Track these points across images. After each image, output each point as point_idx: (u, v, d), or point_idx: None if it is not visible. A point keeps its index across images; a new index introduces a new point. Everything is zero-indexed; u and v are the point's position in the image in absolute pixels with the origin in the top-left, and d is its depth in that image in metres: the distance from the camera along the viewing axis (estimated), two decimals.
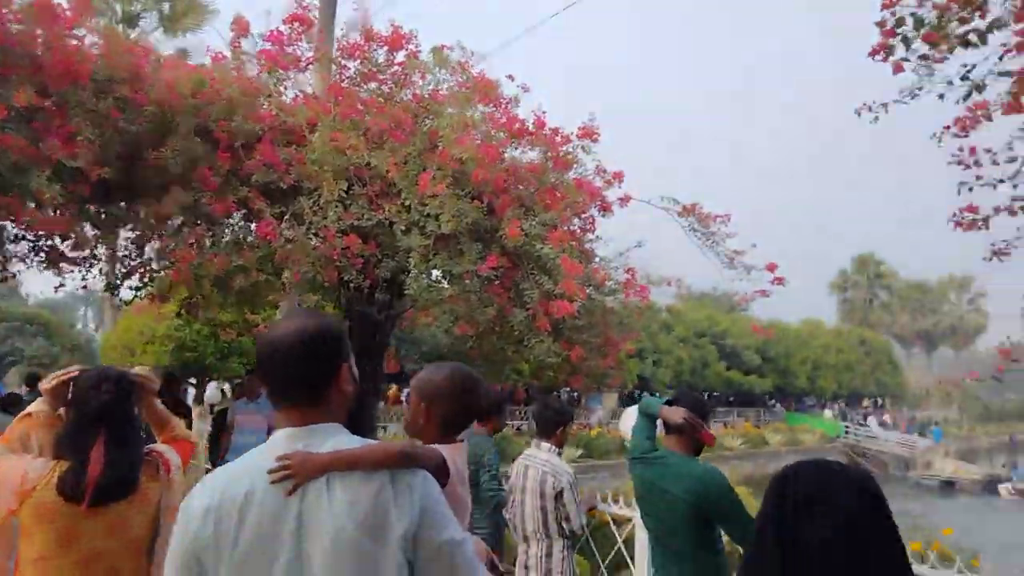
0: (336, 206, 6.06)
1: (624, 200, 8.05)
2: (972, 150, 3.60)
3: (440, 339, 17.20)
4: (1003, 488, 28.40)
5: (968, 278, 71.15)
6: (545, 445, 3.94)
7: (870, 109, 4.13)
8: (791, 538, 1.44)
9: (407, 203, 6.08)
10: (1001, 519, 24.27)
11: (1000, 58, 3.70)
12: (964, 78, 3.67)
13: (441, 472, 1.60)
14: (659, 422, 3.05)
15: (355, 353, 1.71)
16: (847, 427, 37.27)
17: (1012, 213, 3.51)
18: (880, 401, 47.87)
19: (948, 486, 30.63)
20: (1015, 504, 27.08)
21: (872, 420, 39.19)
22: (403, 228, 6.02)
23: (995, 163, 3.58)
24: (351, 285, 6.46)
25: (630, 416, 4.20)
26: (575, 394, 27.06)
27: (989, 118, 3.47)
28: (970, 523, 22.51)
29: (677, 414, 2.93)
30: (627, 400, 29.14)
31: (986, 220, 3.58)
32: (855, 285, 64.54)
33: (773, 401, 40.53)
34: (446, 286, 6.69)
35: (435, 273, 6.73)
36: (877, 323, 60.55)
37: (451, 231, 5.84)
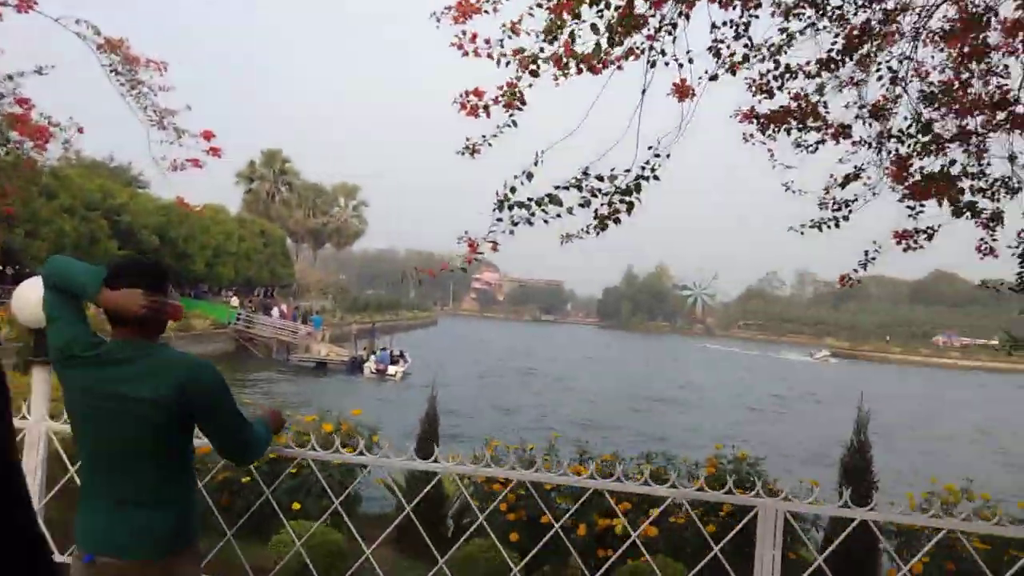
0: None
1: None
2: (474, 36, 3.53)
3: None
4: (366, 367, 33.49)
5: (356, 187, 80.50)
6: None
7: None
8: None
9: None
10: (363, 390, 28.73)
11: None
12: None
13: None
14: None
15: None
16: (239, 314, 38.27)
17: (508, 107, 3.57)
18: (271, 291, 50.58)
19: (321, 367, 34.54)
20: (374, 380, 32.32)
21: (275, 311, 41.17)
22: None
23: (491, 56, 3.59)
24: None
25: (28, 292, 3.00)
26: None
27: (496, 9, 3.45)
28: (344, 396, 25.93)
29: (133, 301, 2.06)
30: None
31: (487, 108, 3.56)
32: (262, 178, 66.04)
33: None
34: None
35: None
36: (277, 217, 63.41)
37: None
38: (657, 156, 3.77)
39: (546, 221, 3.92)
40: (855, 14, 4.91)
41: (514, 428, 22.05)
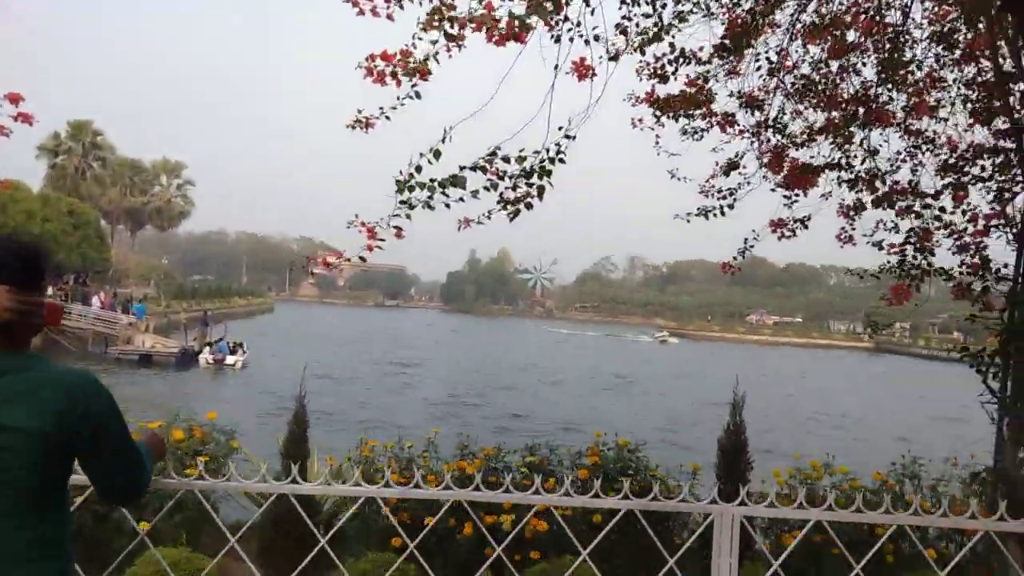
0: None
1: None
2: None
3: None
4: (201, 358, 31.12)
5: (180, 164, 74.59)
6: None
7: None
8: None
9: None
10: (200, 386, 26.69)
11: None
12: None
13: None
14: None
15: None
16: None
17: (417, 74, 3.16)
18: (84, 277, 45.66)
19: (146, 360, 31.62)
20: (210, 372, 30.10)
21: (95, 300, 37.10)
22: None
23: (391, 16, 3.17)
24: None
25: None
26: None
27: None
28: (180, 393, 23.91)
29: None
30: None
31: (395, 75, 3.13)
32: (68, 151, 59.28)
33: None
34: None
35: None
36: (88, 195, 57.25)
37: None
38: (569, 137, 3.54)
39: (448, 205, 3.58)
40: (739, 4, 4.96)
41: (373, 419, 21.42)
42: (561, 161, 3.72)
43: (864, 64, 5.68)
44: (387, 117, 3.40)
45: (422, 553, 2.77)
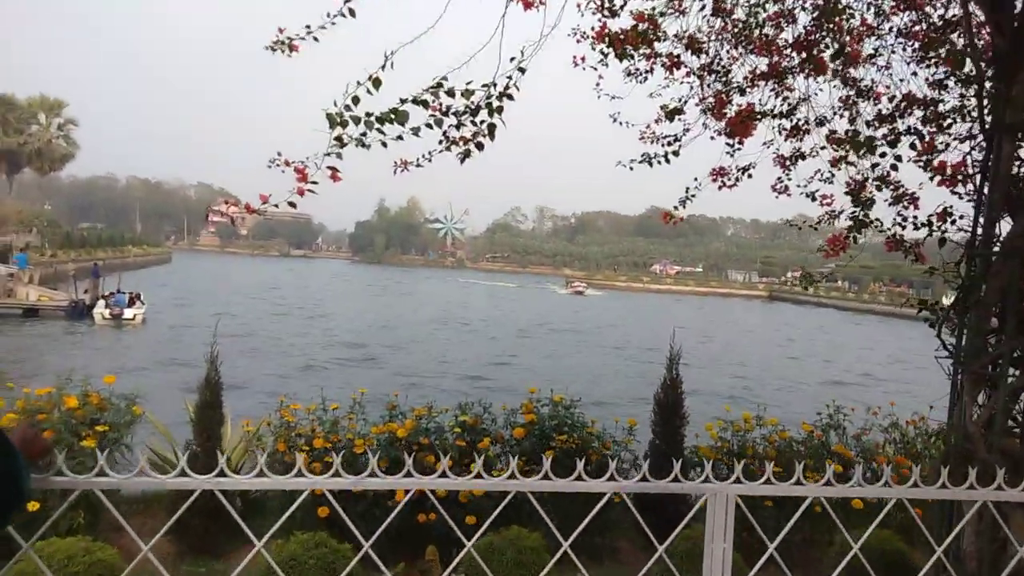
0: None
1: None
2: None
3: None
4: (97, 312, 29.11)
5: (60, 102, 68.70)
6: None
7: None
8: None
9: None
10: (102, 338, 25.00)
11: None
12: None
13: None
14: None
15: None
16: None
17: None
18: None
19: (32, 313, 29.36)
20: (110, 326, 28.20)
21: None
22: None
23: None
24: None
25: None
26: None
27: None
28: (68, 349, 22.27)
29: None
30: None
31: None
32: None
33: None
34: None
35: None
36: None
37: None
38: (521, 70, 3.18)
39: (384, 144, 3.18)
40: None
41: (281, 373, 20.63)
42: (510, 97, 3.37)
43: (803, 10, 5.53)
44: (315, 38, 2.94)
45: (351, 520, 2.43)
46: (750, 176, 5.10)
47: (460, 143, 3.19)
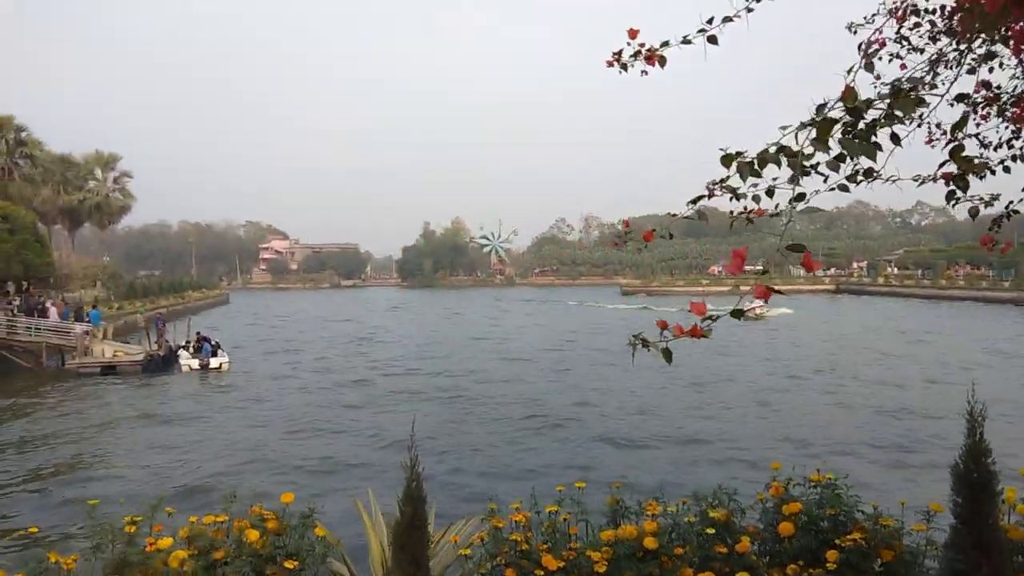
0: None
1: None
2: None
3: None
4: (184, 363, 29.12)
5: (114, 156, 70.30)
6: None
7: None
8: None
9: None
10: (192, 394, 24.47)
11: None
12: None
13: None
14: None
15: None
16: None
17: None
18: (27, 284, 42.54)
19: (110, 370, 29.31)
20: (195, 377, 27.77)
21: (53, 310, 34.24)
22: None
23: None
24: None
25: None
26: None
27: None
28: (171, 408, 21.18)
29: None
30: None
31: None
32: None
33: None
34: None
35: None
36: (19, 197, 53.31)
37: None
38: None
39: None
40: None
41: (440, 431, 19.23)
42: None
43: None
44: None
45: None
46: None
47: None
